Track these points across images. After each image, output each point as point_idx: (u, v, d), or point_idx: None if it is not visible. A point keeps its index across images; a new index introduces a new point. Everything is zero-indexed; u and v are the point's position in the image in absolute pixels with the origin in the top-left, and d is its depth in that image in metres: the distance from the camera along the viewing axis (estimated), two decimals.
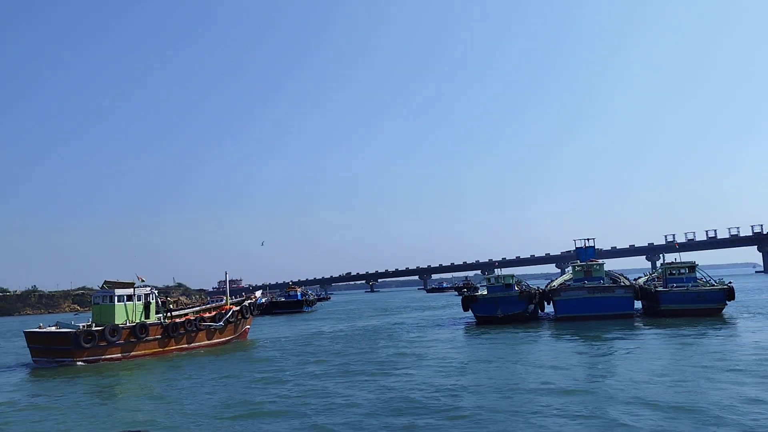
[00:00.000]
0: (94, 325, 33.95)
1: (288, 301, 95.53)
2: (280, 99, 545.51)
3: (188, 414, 17.54)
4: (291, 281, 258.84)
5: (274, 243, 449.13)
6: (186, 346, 37.31)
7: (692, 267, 45.71)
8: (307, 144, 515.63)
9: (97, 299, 35.65)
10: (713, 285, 43.80)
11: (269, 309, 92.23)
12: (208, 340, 39.08)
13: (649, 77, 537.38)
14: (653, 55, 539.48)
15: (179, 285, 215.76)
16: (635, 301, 47.62)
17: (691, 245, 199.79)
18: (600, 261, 51.16)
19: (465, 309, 49.88)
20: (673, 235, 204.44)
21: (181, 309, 43.28)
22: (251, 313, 44.08)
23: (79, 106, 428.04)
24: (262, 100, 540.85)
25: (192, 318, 38.32)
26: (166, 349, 35.92)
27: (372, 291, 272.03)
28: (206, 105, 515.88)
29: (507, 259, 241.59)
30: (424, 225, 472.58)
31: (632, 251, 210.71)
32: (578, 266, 50.02)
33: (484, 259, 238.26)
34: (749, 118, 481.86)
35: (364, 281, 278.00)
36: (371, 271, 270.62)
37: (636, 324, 39.72)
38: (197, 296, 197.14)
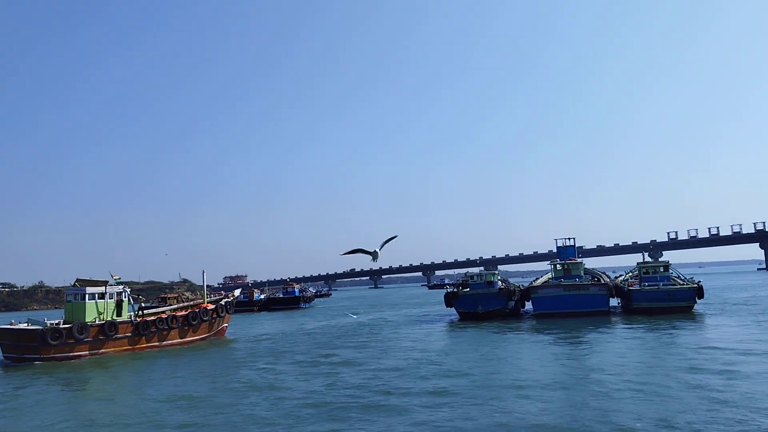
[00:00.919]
0: (62, 322, 34.38)
1: (285, 297, 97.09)
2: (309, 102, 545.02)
3: (119, 414, 18.23)
4: (295, 277, 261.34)
5: (282, 240, 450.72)
6: (157, 344, 37.55)
7: (666, 266, 46.71)
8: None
9: (69, 297, 35.75)
10: (684, 284, 44.91)
11: (267, 305, 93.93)
12: (181, 338, 39.19)
13: (639, 68, 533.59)
14: (644, 44, 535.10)
15: (185, 281, 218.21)
16: (613, 299, 48.94)
17: (694, 242, 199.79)
18: (579, 260, 52.24)
19: (447, 305, 51.24)
20: (676, 232, 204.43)
21: (157, 307, 43.66)
22: (228, 312, 44.15)
23: (67, 97, 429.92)
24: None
25: (164, 317, 38.40)
26: (137, 347, 36.18)
27: (376, 287, 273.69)
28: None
29: (510, 255, 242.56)
30: (430, 222, 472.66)
31: (635, 248, 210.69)
32: (558, 265, 51.18)
33: (487, 255, 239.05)
34: (754, 117, 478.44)
35: (368, 277, 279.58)
36: (375, 267, 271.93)
37: (607, 321, 40.76)
38: (202, 292, 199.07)
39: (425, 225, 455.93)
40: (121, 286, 36.95)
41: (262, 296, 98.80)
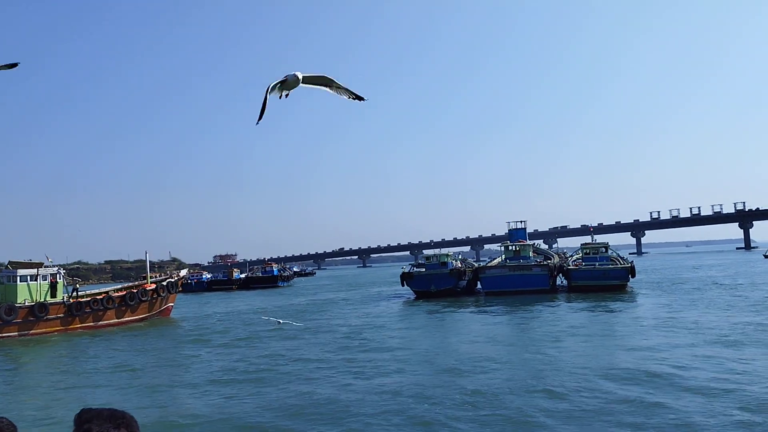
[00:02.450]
0: None
1: (263, 276, 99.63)
2: None
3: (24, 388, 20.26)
4: (285, 256, 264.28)
5: (273, 219, 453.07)
6: (92, 324, 37.56)
7: (605, 247, 49.28)
8: (315, 124, 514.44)
9: (2, 279, 35.80)
10: (619, 264, 47.51)
11: (246, 284, 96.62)
12: (118, 318, 39.17)
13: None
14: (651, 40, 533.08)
15: (174, 260, 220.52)
16: (560, 277, 51.56)
17: (676, 222, 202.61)
18: (529, 242, 54.78)
19: (402, 284, 53.82)
20: (659, 212, 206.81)
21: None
22: (170, 291, 43.68)
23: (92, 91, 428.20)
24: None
25: (100, 298, 38.54)
26: (70, 327, 36.27)
27: (364, 266, 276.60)
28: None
29: (496, 235, 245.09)
30: (416, 201, 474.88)
31: (618, 227, 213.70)
32: (509, 246, 53.65)
33: (474, 235, 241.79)
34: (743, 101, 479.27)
35: (356, 257, 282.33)
36: (364, 246, 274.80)
37: (541, 298, 43.31)
38: (190, 270, 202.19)
39: (412, 205, 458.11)
40: (55, 268, 37.24)
41: (242, 275, 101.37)
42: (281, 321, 34.07)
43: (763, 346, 19.72)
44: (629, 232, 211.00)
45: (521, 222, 57.58)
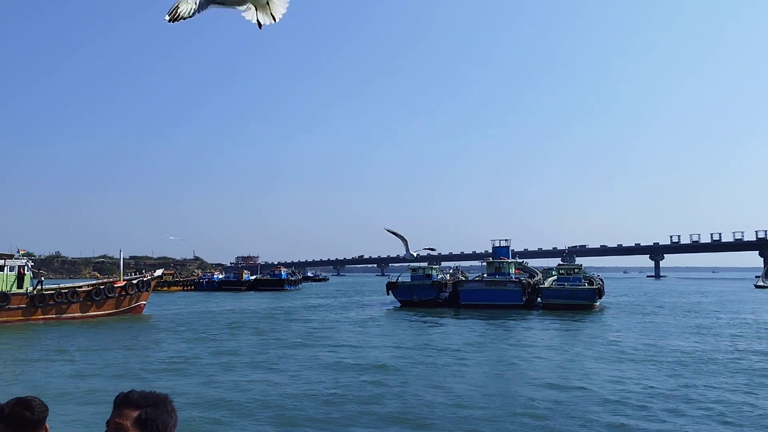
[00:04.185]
0: None
1: (271, 279, 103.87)
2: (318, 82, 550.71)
3: None
4: (305, 261, 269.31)
5: (295, 225, 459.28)
6: (54, 317, 38.75)
7: (579, 268, 51.58)
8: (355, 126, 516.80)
9: None
10: (591, 285, 49.65)
11: (255, 286, 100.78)
12: (83, 312, 40.37)
13: (659, 70, 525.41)
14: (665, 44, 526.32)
15: (196, 258, 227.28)
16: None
17: (695, 247, 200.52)
18: (510, 260, 57.22)
19: (387, 293, 56.87)
20: (678, 236, 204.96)
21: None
22: (141, 290, 44.61)
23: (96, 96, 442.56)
24: (302, 78, 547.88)
25: (64, 291, 39.91)
26: (32, 318, 37.63)
27: (383, 275, 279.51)
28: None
29: (516, 250, 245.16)
30: (441, 211, 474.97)
31: (637, 250, 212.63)
32: (490, 263, 56.24)
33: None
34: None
35: (375, 265, 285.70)
36: (383, 255, 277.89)
37: (511, 313, 45.61)
38: (212, 270, 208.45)
39: (435, 213, 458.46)
40: (24, 260, 38.93)
41: (251, 277, 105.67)
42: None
43: (654, 364, 21.58)
44: (648, 255, 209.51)
45: (505, 240, 60.28)
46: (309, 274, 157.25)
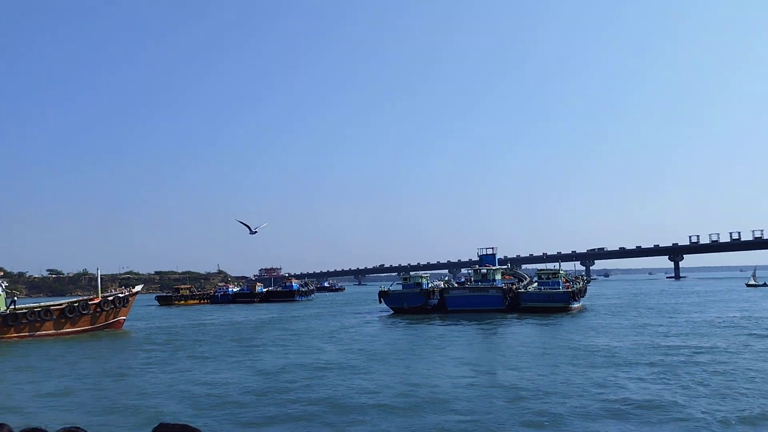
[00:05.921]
0: None
1: (283, 290, 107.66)
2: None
3: None
4: (327, 271, 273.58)
5: (318, 234, 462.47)
6: (27, 334, 39.81)
7: (555, 273, 53.87)
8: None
9: None
10: (565, 288, 51.89)
11: (267, 297, 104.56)
12: (56, 330, 41.23)
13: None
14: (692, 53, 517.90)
15: (220, 272, 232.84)
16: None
17: (715, 246, 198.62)
18: (495, 267, 59.76)
19: (380, 301, 59.87)
20: (698, 236, 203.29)
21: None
22: (118, 306, 45.92)
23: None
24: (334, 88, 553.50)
25: (37, 310, 41.02)
26: (5, 336, 38.74)
27: None
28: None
29: (534, 255, 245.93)
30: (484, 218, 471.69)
31: (656, 251, 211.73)
32: (476, 270, 58.88)
33: (511, 255, 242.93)
34: None
35: (395, 273, 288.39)
36: (404, 264, 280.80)
37: (492, 316, 47.99)
38: (235, 283, 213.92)
39: (478, 220, 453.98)
40: None
41: (264, 290, 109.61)
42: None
43: (579, 359, 23.78)
44: (667, 256, 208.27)
45: (491, 248, 62.95)
46: (326, 284, 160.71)
